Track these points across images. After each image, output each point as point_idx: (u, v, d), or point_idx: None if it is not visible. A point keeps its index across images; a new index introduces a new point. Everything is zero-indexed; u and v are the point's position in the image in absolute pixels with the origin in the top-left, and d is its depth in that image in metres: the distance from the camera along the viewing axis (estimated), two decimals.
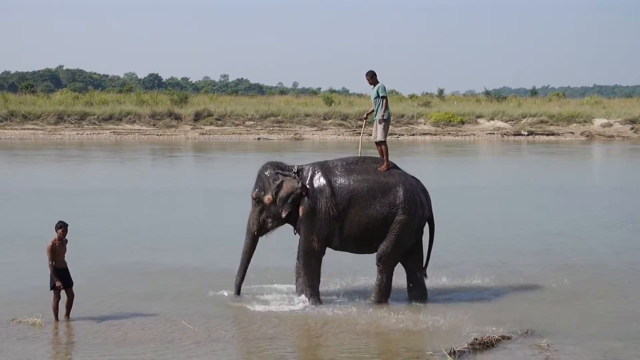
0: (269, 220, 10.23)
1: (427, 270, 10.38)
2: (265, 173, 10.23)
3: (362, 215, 9.86)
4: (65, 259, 9.26)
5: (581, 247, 13.88)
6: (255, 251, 10.35)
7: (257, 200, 10.21)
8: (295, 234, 10.27)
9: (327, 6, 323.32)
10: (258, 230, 10.26)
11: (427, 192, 10.33)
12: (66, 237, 9.23)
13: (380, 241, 9.93)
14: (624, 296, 10.66)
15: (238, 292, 10.34)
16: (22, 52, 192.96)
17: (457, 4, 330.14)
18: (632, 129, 50.24)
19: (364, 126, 11.46)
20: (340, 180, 9.95)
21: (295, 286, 10.37)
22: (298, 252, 10.19)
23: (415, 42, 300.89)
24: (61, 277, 9.12)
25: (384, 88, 10.40)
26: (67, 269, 9.26)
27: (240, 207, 12.56)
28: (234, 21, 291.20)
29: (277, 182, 10.05)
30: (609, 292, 10.83)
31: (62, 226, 9.18)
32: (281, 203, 10.03)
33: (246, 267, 10.32)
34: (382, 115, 10.32)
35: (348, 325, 9.20)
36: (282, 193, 10.00)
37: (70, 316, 9.28)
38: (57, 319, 9.19)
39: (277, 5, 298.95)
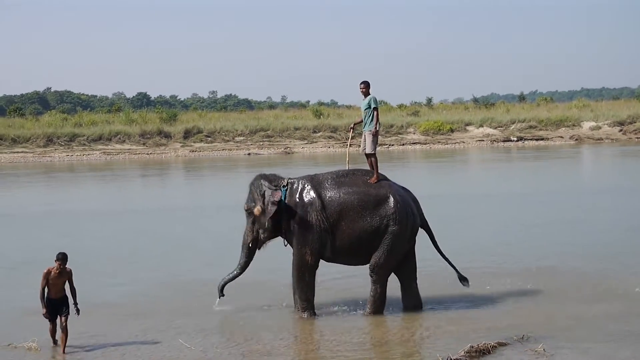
0: (261, 231, 10.29)
1: (465, 277, 10.61)
2: (254, 185, 10.35)
3: (353, 228, 9.90)
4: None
5: (574, 250, 13.91)
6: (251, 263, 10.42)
7: (249, 212, 10.32)
8: (285, 245, 10.31)
9: (314, 19, 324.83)
10: (252, 241, 10.35)
11: (417, 202, 10.39)
12: (68, 268, 8.92)
13: (372, 252, 9.97)
14: (618, 298, 10.68)
15: (221, 291, 10.44)
16: (9, 76, 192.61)
17: (444, 13, 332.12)
18: (620, 130, 50.52)
19: (350, 137, 11.54)
20: (331, 194, 10.00)
21: (293, 301, 10.34)
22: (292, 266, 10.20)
23: (403, 51, 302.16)
24: (50, 307, 8.86)
25: (376, 100, 10.44)
26: (65, 298, 8.92)
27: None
28: (220, 37, 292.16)
29: (262, 193, 10.18)
30: (604, 294, 10.86)
31: (58, 258, 8.85)
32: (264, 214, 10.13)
33: (236, 276, 10.42)
34: (375, 127, 10.36)
35: (344, 337, 9.20)
36: (265, 204, 10.12)
37: (66, 343, 8.89)
38: (54, 343, 9.06)
39: (264, 20, 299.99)
